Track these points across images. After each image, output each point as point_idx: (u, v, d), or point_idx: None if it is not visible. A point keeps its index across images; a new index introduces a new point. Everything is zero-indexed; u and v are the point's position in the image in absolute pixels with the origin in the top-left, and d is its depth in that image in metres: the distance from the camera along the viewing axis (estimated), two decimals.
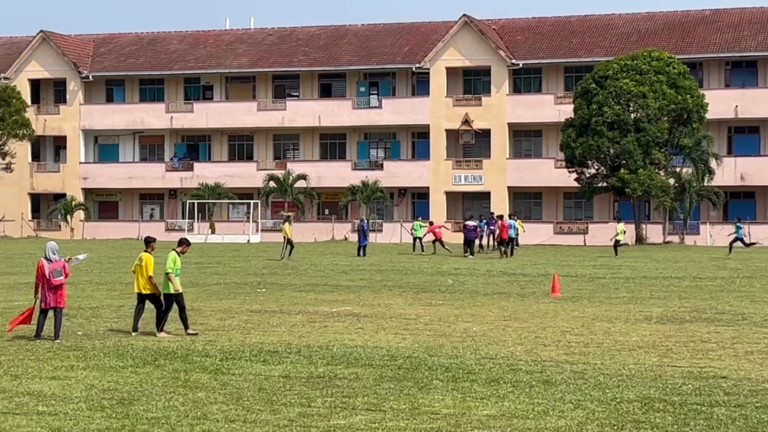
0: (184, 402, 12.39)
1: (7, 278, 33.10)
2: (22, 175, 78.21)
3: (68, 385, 13.41)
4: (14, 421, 11.19)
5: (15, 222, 76.81)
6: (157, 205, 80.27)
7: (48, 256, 18.05)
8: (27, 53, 78.94)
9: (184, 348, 16.94)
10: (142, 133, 79.49)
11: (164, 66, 78.39)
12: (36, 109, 78.78)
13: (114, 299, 25.65)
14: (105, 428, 10.87)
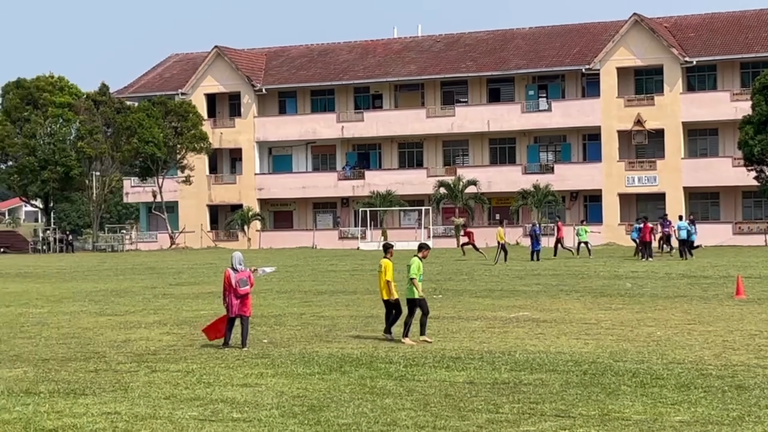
0: (373, 408, 12.51)
1: (190, 288, 34.10)
2: (201, 188, 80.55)
3: (259, 392, 13.71)
4: (211, 427, 11.50)
5: (195, 233, 79.09)
6: (330, 214, 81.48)
7: (234, 266, 18.50)
8: (203, 69, 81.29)
9: (368, 355, 17.12)
10: (315, 143, 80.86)
11: (334, 76, 79.57)
12: (212, 123, 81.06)
13: (295, 307, 26.11)
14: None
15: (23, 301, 29.99)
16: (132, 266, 50.68)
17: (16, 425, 11.75)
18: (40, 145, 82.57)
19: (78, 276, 43.49)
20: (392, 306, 19.34)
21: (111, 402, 13.13)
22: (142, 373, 15.53)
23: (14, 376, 15.52)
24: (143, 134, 75.11)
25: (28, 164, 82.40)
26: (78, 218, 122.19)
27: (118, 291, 33.54)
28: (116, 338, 20.24)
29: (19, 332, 21.68)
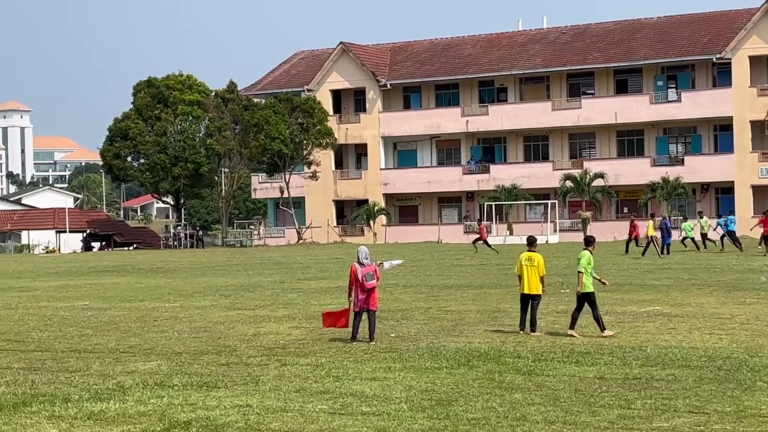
0: (502, 403, 12.43)
1: (318, 282, 34.41)
2: (327, 183, 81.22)
3: (387, 386, 13.74)
4: (341, 421, 11.56)
5: (321, 228, 79.81)
6: (455, 208, 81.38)
7: (361, 261, 18.58)
8: (328, 65, 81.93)
9: (495, 349, 17.03)
10: (439, 138, 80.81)
11: (459, 70, 79.39)
12: (338, 119, 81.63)
13: (421, 302, 26.13)
14: (428, 428, 11.06)
15: (156, 296, 30.67)
16: (260, 261, 51.39)
17: (151, 417, 12.01)
18: (170, 142, 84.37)
19: (208, 271, 44.29)
20: (533, 299, 19.14)
21: (242, 395, 13.31)
22: (272, 367, 15.71)
23: (148, 369, 15.86)
24: (270, 131, 76.05)
25: (160, 161, 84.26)
26: (207, 214, 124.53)
27: (247, 286, 34.04)
28: (246, 332, 20.53)
29: (152, 326, 22.16)
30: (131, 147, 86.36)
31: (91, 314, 25.23)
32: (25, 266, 55.22)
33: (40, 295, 32.72)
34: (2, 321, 24.13)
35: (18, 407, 12.73)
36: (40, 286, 37.37)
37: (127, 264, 51.22)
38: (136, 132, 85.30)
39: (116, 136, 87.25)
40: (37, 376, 15.33)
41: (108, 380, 14.74)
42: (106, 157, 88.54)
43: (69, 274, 44.88)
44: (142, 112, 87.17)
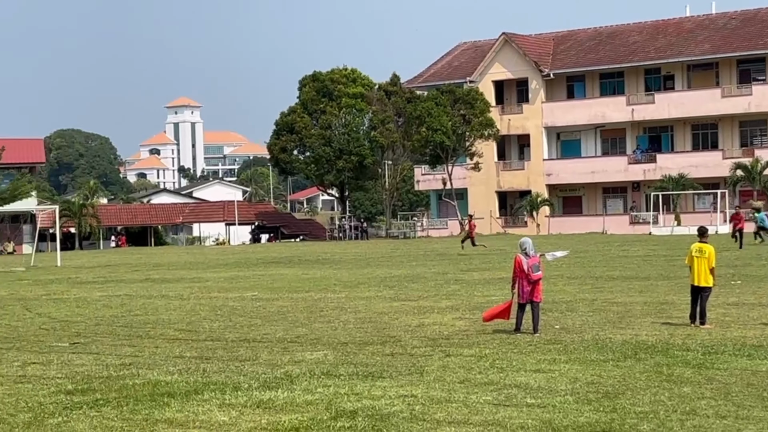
0: (670, 396, 12.18)
1: (481, 274, 34.36)
2: (489, 174, 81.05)
3: (552, 378, 13.62)
4: (505, 412, 11.52)
5: (484, 219, 79.68)
6: (620, 198, 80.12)
7: (527, 252, 18.47)
8: (491, 56, 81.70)
9: (663, 342, 16.69)
10: (603, 127, 79.70)
11: (624, 58, 78.13)
12: (500, 110, 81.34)
13: (586, 293, 25.81)
14: (594, 421, 10.92)
15: (322, 287, 31.13)
16: (424, 252, 51.63)
17: (318, 406, 12.20)
18: (335, 135, 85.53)
19: (372, 262, 44.72)
20: (703, 292, 18.71)
21: (407, 385, 13.39)
22: (436, 358, 15.76)
23: (315, 358, 16.11)
24: (432, 123, 76.27)
25: (324, 154, 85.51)
26: (371, 206, 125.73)
27: (411, 277, 34.24)
28: (410, 323, 20.65)
29: (319, 316, 22.51)
30: (297, 140, 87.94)
31: (259, 304, 25.79)
32: (196, 258, 56.85)
33: (211, 285, 33.62)
34: (175, 311, 24.89)
35: (190, 395, 13.10)
36: (210, 277, 38.40)
37: (293, 255, 52.21)
38: (302, 126, 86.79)
39: (283, 130, 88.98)
40: (208, 364, 15.75)
41: (276, 369, 15.03)
42: (273, 150, 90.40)
43: (238, 265, 45.98)
44: (308, 106, 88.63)
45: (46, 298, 30.49)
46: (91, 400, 12.98)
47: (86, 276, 41.58)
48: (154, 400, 12.82)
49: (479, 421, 11.08)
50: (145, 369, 15.43)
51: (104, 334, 20.46)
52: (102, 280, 38.65)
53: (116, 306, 26.87)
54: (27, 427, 11.54)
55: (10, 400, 13.17)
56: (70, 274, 43.56)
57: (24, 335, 20.65)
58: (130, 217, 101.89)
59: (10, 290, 34.15)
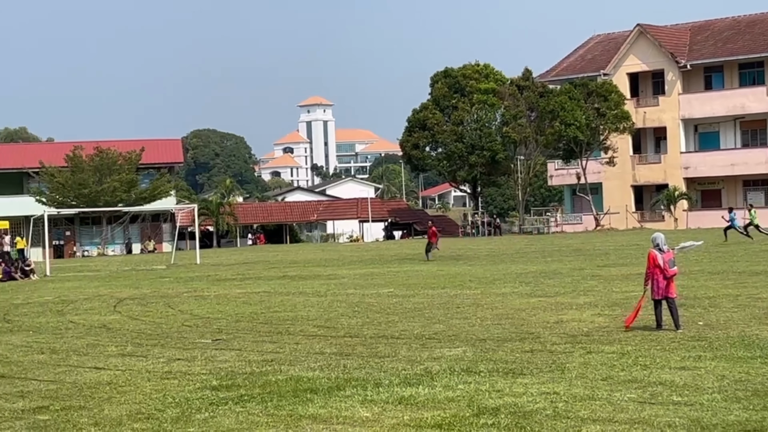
0: None
1: (618, 269, 33.84)
2: (625, 168, 79.87)
3: (698, 376, 13.32)
4: (651, 410, 11.31)
5: (619, 214, 78.56)
6: (762, 191, 78.07)
7: (660, 247, 18.13)
8: (625, 48, 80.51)
9: None
10: (743, 119, 77.74)
11: (764, 48, 76.22)
12: (635, 102, 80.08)
13: (729, 289, 25.19)
14: (744, 420, 10.64)
15: (457, 283, 31.08)
16: (558, 248, 51.13)
17: (460, 402, 12.17)
18: (467, 131, 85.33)
19: (507, 258, 44.48)
20: None
21: (549, 382, 13.26)
22: (577, 354, 15.57)
23: (454, 355, 16.08)
24: (565, 117, 75.50)
25: (456, 150, 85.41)
26: (504, 202, 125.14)
27: (546, 273, 33.94)
28: (548, 319, 20.46)
29: (455, 313, 22.47)
30: (429, 137, 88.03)
31: (395, 301, 25.88)
32: (330, 255, 57.41)
33: (347, 282, 33.88)
34: (313, 308, 25.16)
35: (332, 391, 13.21)
36: (346, 273, 38.71)
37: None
38: (434, 122, 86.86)
39: (414, 126, 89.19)
40: (348, 360, 15.87)
41: (416, 366, 15.05)
42: (405, 147, 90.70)
43: (373, 262, 46.26)
44: (440, 102, 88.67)
45: (187, 295, 31.16)
46: (235, 395, 13.19)
47: (225, 273, 42.35)
48: (297, 396, 12.97)
49: (625, 419, 10.90)
50: (287, 365, 15.62)
51: (245, 330, 20.80)
52: (240, 277, 39.32)
53: (255, 303, 27.30)
54: (175, 422, 11.79)
55: (157, 395, 13.48)
56: (209, 271, 44.44)
57: (168, 332, 21.13)
58: (266, 215, 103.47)
59: (153, 288, 35.01)
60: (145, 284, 37.24)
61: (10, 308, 28.96)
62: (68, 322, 24.25)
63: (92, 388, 14.30)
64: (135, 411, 12.47)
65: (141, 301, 29.49)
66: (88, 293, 33.89)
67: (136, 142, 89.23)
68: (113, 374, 15.45)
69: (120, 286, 37.39)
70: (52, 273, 47.77)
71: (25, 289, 37.24)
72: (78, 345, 19.41)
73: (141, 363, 16.57)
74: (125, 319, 24.24)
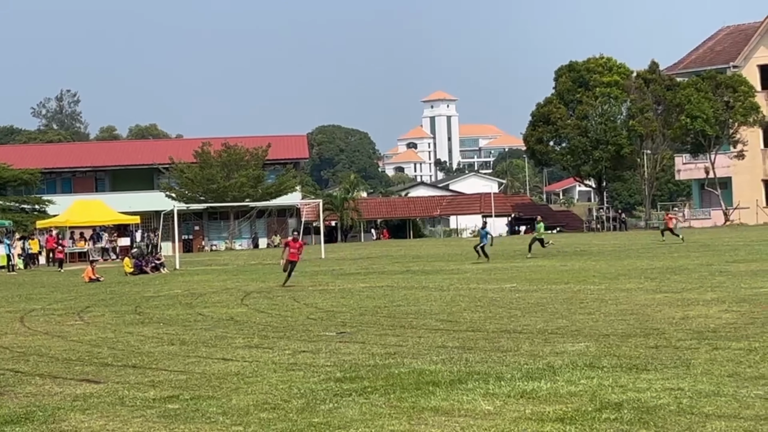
0: None
1: (748, 265, 33.19)
2: (755, 162, 78.16)
3: None
4: None
5: (749, 209, 76.90)
6: None
7: None
8: (755, 39, 78.76)
9: None
10: None
11: None
12: (766, 95, 78.25)
13: None
14: None
15: (581, 278, 30.87)
16: (686, 243, 50.29)
17: (582, 397, 12.14)
18: (591, 125, 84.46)
19: (632, 254, 43.95)
20: None
21: (673, 378, 13.13)
22: (702, 350, 15.37)
23: (577, 350, 16.02)
24: (691, 110, 74.17)
25: (580, 144, 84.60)
26: (629, 196, 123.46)
27: (672, 268, 33.46)
28: (674, 315, 20.20)
29: (578, 308, 22.34)
30: (553, 131, 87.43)
31: (518, 296, 25.85)
32: (453, 249, 57.48)
33: (470, 277, 33.92)
34: (435, 302, 25.29)
35: (454, 384, 13.30)
36: (469, 268, 38.75)
37: (551, 247, 51.91)
38: (558, 116, 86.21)
39: (538, 121, 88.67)
40: (470, 354, 15.94)
41: (538, 360, 15.05)
42: (529, 142, 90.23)
43: (496, 256, 46.16)
44: (564, 96, 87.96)
45: (312, 288, 31.61)
46: (359, 387, 13.39)
47: (349, 268, 42.78)
48: (419, 388, 13.09)
49: (751, 416, 10.75)
50: (410, 358, 15.77)
51: (369, 324, 21.03)
52: (364, 271, 39.68)
53: (379, 297, 27.55)
54: (300, 412, 12.02)
55: (283, 386, 13.76)
56: (334, 265, 44.95)
57: (293, 325, 21.49)
58: (389, 210, 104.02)
59: (279, 282, 35.58)
60: (272, 278, 37.86)
61: (141, 301, 29.80)
62: (197, 314, 24.84)
63: (220, 378, 14.66)
64: (261, 401, 12.75)
65: (267, 295, 30.03)
66: (216, 286, 34.64)
67: (263, 138, 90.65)
68: (240, 365, 15.80)
69: (247, 279, 38.12)
70: (182, 267, 48.90)
71: (155, 283, 38.24)
72: (206, 337, 19.88)
73: (267, 355, 16.90)
74: (252, 312, 24.72)
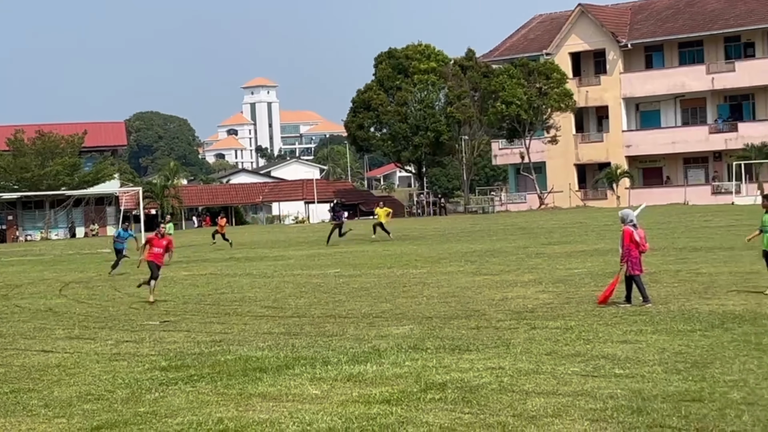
0: (760, 365, 12.14)
1: (562, 247, 34.29)
2: (568, 147, 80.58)
3: (640, 349, 13.64)
4: (594, 383, 11.58)
5: (563, 193, 79.26)
6: (702, 169, 79.14)
7: (634, 223, 18.56)
8: (567, 28, 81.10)
9: (751, 311, 16.59)
10: (683, 97, 78.70)
11: (703, 27, 77.04)
12: (577, 82, 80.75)
13: (670, 264, 25.72)
14: (683, 390, 10.94)
15: (403, 263, 31.32)
16: (503, 227, 51.57)
17: (408, 378, 12.37)
18: (410, 111, 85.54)
19: (452, 237, 44.81)
20: None
21: (494, 357, 13.51)
22: (521, 330, 15.85)
23: (401, 333, 16.29)
24: (505, 96, 75.94)
25: (401, 131, 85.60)
26: (448, 182, 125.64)
27: (491, 251, 34.29)
28: (494, 296, 20.75)
29: (402, 292, 22.69)
30: (373, 117, 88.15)
31: (342, 281, 26.05)
32: (277, 236, 57.43)
33: (294, 263, 33.98)
34: (260, 289, 25.26)
35: (281, 370, 13.36)
36: (292, 254, 38.80)
37: (351, 234, 52.40)
38: (378, 103, 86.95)
39: (359, 107, 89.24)
40: (296, 340, 16.02)
41: (364, 344, 15.24)
42: (350, 128, 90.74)
43: (319, 243, 46.36)
44: (384, 83, 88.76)
45: (134, 278, 31.10)
46: (185, 376, 13.30)
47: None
48: (246, 375, 13.10)
49: (568, 392, 11.16)
50: (236, 345, 15.74)
51: (193, 312, 20.87)
52: (186, 259, 39.26)
53: (202, 285, 27.35)
54: (125, 402, 11.87)
55: (107, 377, 13.54)
56: None
57: (115, 315, 21.14)
58: (211, 197, 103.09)
59: (98, 271, 34.89)
60: (90, 268, 37.09)
61: None
62: (14, 306, 24.16)
63: (41, 370, 14.33)
64: (85, 392, 12.52)
65: (87, 285, 29.42)
66: (33, 277, 33.71)
67: (79, 125, 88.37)
68: (62, 357, 15.47)
69: (64, 270, 37.22)
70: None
71: None
72: (25, 329, 19.37)
73: (89, 345, 16.59)
74: (71, 303, 24.20)
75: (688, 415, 9.80)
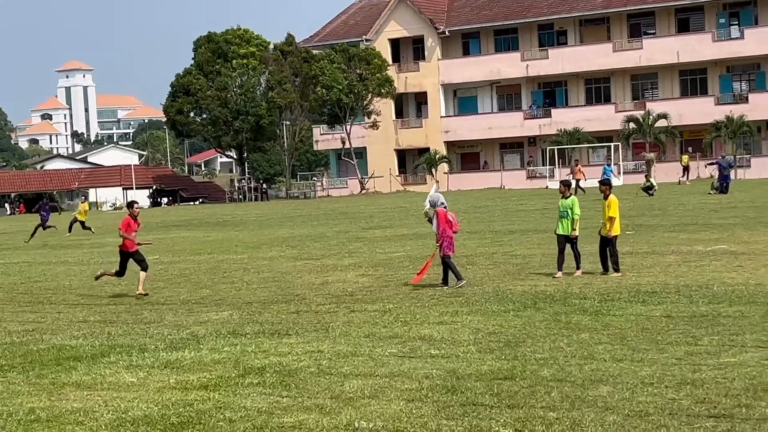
0: (569, 343, 12.56)
1: (382, 231, 34.63)
2: (388, 133, 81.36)
3: (455, 330, 13.92)
4: (411, 364, 11.77)
5: (383, 178, 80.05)
6: (517, 154, 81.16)
7: (445, 204, 18.95)
8: (386, 14, 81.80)
9: (561, 291, 17.13)
10: (499, 84, 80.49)
11: (518, 15, 78.89)
12: (397, 68, 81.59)
13: (486, 247, 26.28)
14: (496, 369, 11.22)
15: (224, 249, 31.11)
16: (325, 212, 51.76)
17: (226, 364, 12.31)
18: (231, 96, 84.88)
19: (274, 223, 44.72)
20: (608, 242, 19.22)
21: (314, 341, 13.58)
22: (341, 314, 15.97)
23: (221, 319, 16.20)
24: (326, 81, 76.15)
25: (221, 115, 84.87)
26: (270, 167, 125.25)
27: (313, 236, 34.38)
28: (314, 281, 20.83)
29: (222, 278, 22.54)
30: (193, 102, 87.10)
31: (161, 268, 25.69)
32: (94, 223, 56.05)
33: (111, 250, 33.26)
34: (75, 276, 24.69)
35: (96, 358, 13.11)
36: (110, 241, 37.98)
37: (194, 218, 51.94)
38: (198, 87, 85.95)
39: (178, 91, 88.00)
40: (113, 328, 15.74)
41: (182, 330, 15.10)
42: (169, 113, 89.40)
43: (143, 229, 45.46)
44: (203, 68, 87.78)
45: None
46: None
47: None
48: (60, 364, 12.80)
49: (385, 373, 11.31)
50: (49, 334, 15.36)
51: (4, 301, 20.25)
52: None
53: (15, 273, 26.55)
54: None
55: None
56: None
57: None
58: (24, 183, 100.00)
59: None
60: None
61: None
62: None
63: None
64: None
65: None
66: None
67: None
68: None
69: None
70: None
71: None
72: None
73: None
74: None
75: (500, 393, 10.07)
